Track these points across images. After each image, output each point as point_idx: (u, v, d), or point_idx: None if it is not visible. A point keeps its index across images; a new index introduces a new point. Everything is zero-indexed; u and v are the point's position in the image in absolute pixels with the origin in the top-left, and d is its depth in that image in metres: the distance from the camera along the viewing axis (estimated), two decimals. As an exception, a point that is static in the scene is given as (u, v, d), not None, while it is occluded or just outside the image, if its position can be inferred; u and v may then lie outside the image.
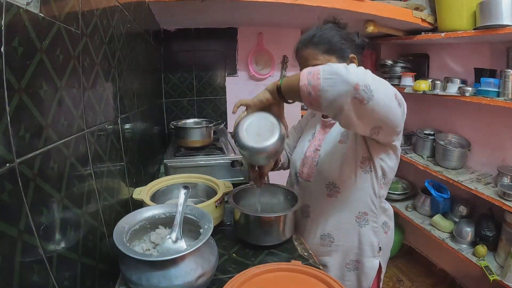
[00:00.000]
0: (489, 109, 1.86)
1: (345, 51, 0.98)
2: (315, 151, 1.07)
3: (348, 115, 0.68)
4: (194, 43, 2.18)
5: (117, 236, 0.69)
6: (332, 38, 0.97)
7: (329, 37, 0.97)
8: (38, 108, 0.44)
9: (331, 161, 1.00)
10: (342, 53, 0.97)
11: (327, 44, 0.96)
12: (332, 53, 0.96)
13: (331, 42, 0.96)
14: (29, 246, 0.41)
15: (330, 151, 1.01)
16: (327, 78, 0.66)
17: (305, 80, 0.69)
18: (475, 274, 1.85)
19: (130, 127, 1.01)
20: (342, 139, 1.00)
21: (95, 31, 0.69)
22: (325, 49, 0.96)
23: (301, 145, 1.16)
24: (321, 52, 0.96)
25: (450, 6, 1.83)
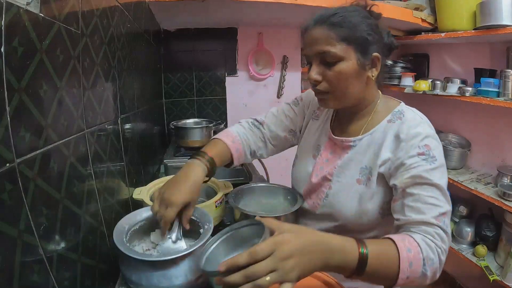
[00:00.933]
0: (489, 109, 1.86)
1: (370, 47, 0.76)
2: (324, 179, 0.87)
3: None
4: (194, 43, 2.18)
5: (117, 236, 0.69)
6: (358, 25, 0.74)
7: (354, 22, 0.74)
8: (38, 108, 0.44)
9: (344, 203, 0.81)
10: (365, 47, 0.75)
11: (350, 30, 0.74)
12: (353, 43, 0.74)
13: (356, 29, 0.74)
14: (29, 246, 0.41)
15: (345, 188, 0.82)
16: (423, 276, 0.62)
17: (405, 274, 0.60)
18: (475, 274, 1.85)
19: (130, 127, 1.01)
20: (361, 179, 0.80)
21: (95, 31, 0.69)
22: (345, 36, 0.73)
23: (304, 161, 0.95)
24: (339, 38, 0.73)
25: (450, 6, 1.83)
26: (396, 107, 0.82)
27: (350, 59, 0.74)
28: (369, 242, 0.60)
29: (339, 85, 0.76)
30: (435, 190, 0.68)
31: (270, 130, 1.00)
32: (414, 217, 0.67)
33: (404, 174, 0.71)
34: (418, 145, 0.71)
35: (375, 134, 0.80)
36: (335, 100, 0.79)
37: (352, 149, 0.83)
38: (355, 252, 0.57)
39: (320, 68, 0.76)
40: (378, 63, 0.77)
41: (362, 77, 0.77)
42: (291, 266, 0.51)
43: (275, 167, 1.98)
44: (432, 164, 0.70)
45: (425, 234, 0.65)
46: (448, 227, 0.67)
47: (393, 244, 0.62)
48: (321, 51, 0.74)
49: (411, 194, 0.69)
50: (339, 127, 0.89)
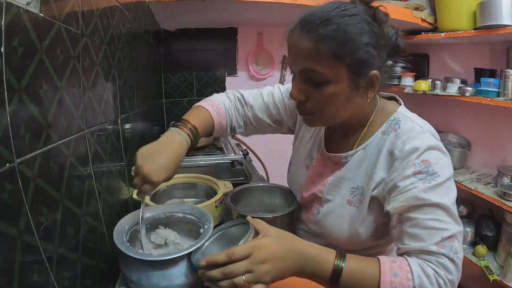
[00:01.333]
0: (489, 109, 1.86)
1: (367, 65, 0.61)
2: (314, 195, 0.79)
3: None
4: (194, 43, 2.18)
5: (117, 236, 0.69)
6: (355, 38, 0.59)
7: (352, 35, 0.58)
8: (38, 108, 0.44)
9: (334, 224, 0.74)
10: (361, 68, 0.61)
11: (345, 45, 0.58)
12: (346, 63, 0.60)
13: (352, 44, 0.59)
14: (29, 246, 0.41)
15: (336, 209, 0.74)
16: None
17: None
18: (475, 274, 1.85)
19: (130, 127, 1.01)
20: (352, 200, 0.71)
21: (95, 31, 0.69)
22: (336, 52, 0.58)
23: (298, 171, 0.88)
24: (330, 55, 0.59)
25: (450, 6, 1.83)
26: (393, 115, 0.70)
27: (341, 81, 0.61)
28: (351, 257, 0.59)
29: (326, 108, 0.65)
30: (437, 211, 0.58)
31: (253, 114, 0.91)
32: (412, 246, 0.59)
33: (397, 198, 0.62)
34: (414, 163, 0.61)
35: (369, 148, 0.70)
36: (322, 121, 0.71)
37: (345, 165, 0.74)
38: (330, 264, 0.57)
39: (304, 86, 0.64)
40: (376, 82, 0.64)
41: (355, 99, 0.65)
42: (265, 270, 0.54)
43: (275, 167, 1.98)
44: (432, 182, 0.59)
45: (425, 261, 0.58)
46: (458, 253, 0.57)
47: (378, 264, 0.58)
48: (307, 68, 0.62)
49: (409, 219, 0.60)
50: (333, 139, 0.80)
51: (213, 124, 0.84)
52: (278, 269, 0.55)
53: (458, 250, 0.58)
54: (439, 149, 0.63)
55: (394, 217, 0.63)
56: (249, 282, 0.53)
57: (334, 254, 0.58)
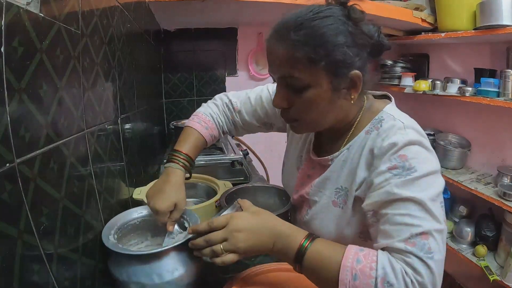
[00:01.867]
0: (489, 109, 1.86)
1: (346, 65, 0.60)
2: (302, 197, 0.80)
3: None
4: (194, 43, 2.18)
5: (104, 232, 0.69)
6: (330, 39, 0.58)
7: (326, 37, 0.58)
8: (38, 108, 0.44)
9: (321, 225, 0.74)
10: (340, 67, 0.60)
11: (320, 48, 0.58)
12: (322, 65, 0.59)
13: (327, 46, 0.58)
14: (29, 246, 0.41)
15: (322, 210, 0.74)
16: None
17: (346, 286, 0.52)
18: (475, 274, 1.85)
19: (130, 127, 1.01)
20: (337, 201, 0.71)
21: (95, 31, 0.69)
22: (311, 56, 0.58)
23: (289, 172, 0.89)
24: (305, 60, 0.59)
25: (450, 6, 1.83)
26: (378, 114, 0.69)
27: (321, 84, 0.61)
28: (320, 241, 0.59)
29: (309, 114, 0.65)
30: (411, 206, 0.54)
31: (242, 118, 0.93)
32: (381, 243, 0.56)
33: (371, 195, 0.60)
34: (389, 158, 0.59)
35: (352, 148, 0.70)
36: (307, 128, 0.72)
37: (330, 167, 0.73)
38: (297, 243, 0.58)
39: (285, 92, 0.65)
40: (359, 82, 0.63)
41: (337, 101, 0.65)
42: (240, 238, 0.60)
43: (275, 167, 1.98)
44: (407, 176, 0.56)
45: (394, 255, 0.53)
46: (432, 253, 0.51)
47: (344, 250, 0.56)
48: (285, 75, 0.62)
49: (382, 215, 0.58)
50: (320, 142, 0.80)
51: (204, 141, 0.88)
52: (251, 241, 0.60)
53: (434, 250, 0.51)
54: (420, 144, 0.60)
55: (369, 214, 0.61)
56: (226, 250, 0.60)
57: (304, 235, 0.60)
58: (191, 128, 0.88)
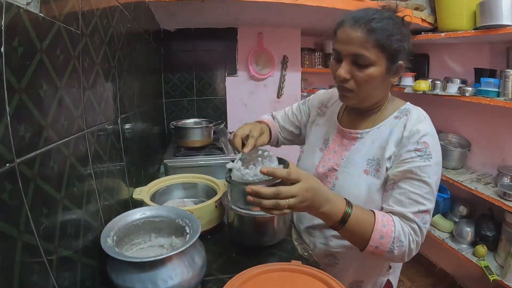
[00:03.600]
0: (489, 109, 1.86)
1: (399, 55, 0.78)
2: (330, 170, 0.90)
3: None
4: (194, 43, 2.18)
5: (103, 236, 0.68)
6: (393, 34, 0.76)
7: (391, 31, 0.75)
8: (38, 108, 0.44)
9: (351, 193, 0.83)
10: (395, 56, 0.78)
11: (386, 38, 0.75)
12: (385, 51, 0.76)
13: (391, 38, 0.75)
14: (29, 246, 0.41)
15: (352, 179, 0.85)
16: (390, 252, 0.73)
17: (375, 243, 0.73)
18: (475, 274, 1.85)
19: (130, 127, 1.01)
20: (369, 170, 0.84)
21: (95, 31, 0.69)
22: (379, 43, 0.75)
23: (310, 153, 1.00)
24: (375, 44, 0.75)
25: (450, 6, 1.83)
26: (403, 105, 0.87)
27: (381, 65, 0.77)
28: (355, 206, 0.73)
29: (365, 87, 0.79)
30: (423, 187, 0.75)
31: (279, 123, 1.15)
32: (395, 208, 0.76)
33: (398, 167, 0.78)
34: (417, 141, 0.77)
35: (382, 128, 0.85)
36: (357, 99, 0.83)
37: (359, 141, 0.88)
38: (342, 208, 0.71)
39: (350, 67, 0.78)
40: (401, 70, 0.82)
41: (385, 82, 0.82)
42: (306, 198, 0.66)
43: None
44: (426, 161, 0.75)
45: (403, 220, 0.75)
46: (426, 224, 0.76)
47: (373, 215, 0.74)
48: (356, 53, 0.76)
49: (399, 187, 0.77)
50: (348, 120, 0.94)
51: (270, 130, 1.08)
52: (312, 200, 0.67)
53: (427, 222, 0.76)
54: (435, 138, 0.79)
55: (390, 182, 0.80)
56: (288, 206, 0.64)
57: (344, 202, 0.73)
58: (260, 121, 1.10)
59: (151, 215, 0.80)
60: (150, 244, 0.82)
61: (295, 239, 0.99)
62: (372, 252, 0.74)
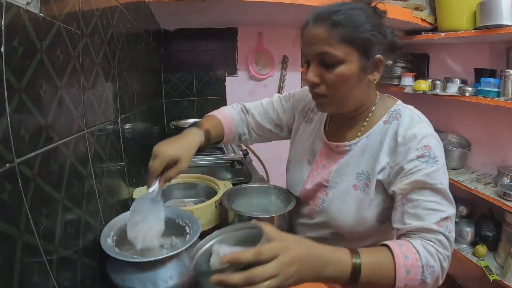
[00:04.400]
0: (489, 109, 1.86)
1: (373, 48, 0.70)
2: (319, 185, 0.83)
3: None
4: (194, 43, 2.17)
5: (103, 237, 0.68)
6: (361, 24, 0.68)
7: (358, 22, 0.68)
8: (38, 108, 0.44)
9: (341, 210, 0.77)
10: (368, 49, 0.70)
11: (353, 30, 0.67)
12: (356, 45, 0.68)
13: (359, 29, 0.68)
14: (29, 246, 0.41)
15: (342, 195, 0.78)
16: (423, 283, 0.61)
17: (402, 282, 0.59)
18: (475, 274, 1.85)
19: (130, 127, 1.01)
20: (358, 185, 0.76)
21: (95, 31, 0.69)
22: (348, 36, 0.67)
23: (298, 166, 0.91)
24: (341, 39, 0.67)
25: (450, 6, 1.82)
26: (392, 107, 0.78)
27: (352, 61, 0.69)
28: (363, 251, 0.60)
29: (338, 89, 0.72)
30: (437, 195, 0.66)
31: (254, 120, 1.00)
32: (414, 224, 0.65)
33: (403, 180, 0.68)
34: (417, 148, 0.68)
35: (371, 136, 0.77)
36: (334, 105, 0.75)
37: (348, 153, 0.79)
38: (348, 263, 0.58)
39: (319, 69, 0.72)
40: (381, 65, 0.73)
41: (363, 81, 0.73)
42: (291, 273, 0.51)
43: (275, 167, 1.98)
44: (433, 165, 0.67)
45: (425, 240, 0.64)
46: (451, 232, 0.65)
47: (389, 251, 0.61)
48: (321, 52, 0.69)
49: (411, 200, 0.67)
50: (334, 131, 0.85)
51: (223, 128, 0.95)
52: (301, 272, 0.53)
53: (452, 229, 0.65)
54: (435, 137, 0.71)
55: (398, 198, 0.69)
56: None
57: (349, 253, 0.59)
58: (212, 115, 0.96)
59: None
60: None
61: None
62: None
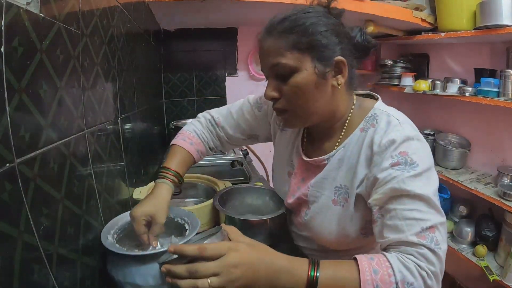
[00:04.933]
0: (489, 109, 1.86)
1: (328, 50, 0.65)
2: (300, 199, 0.79)
3: None
4: (194, 43, 2.17)
5: (103, 234, 0.69)
6: (310, 27, 0.63)
7: (307, 25, 0.63)
8: (38, 108, 0.44)
9: (322, 225, 0.74)
10: (323, 52, 0.64)
11: (301, 34, 0.63)
12: (307, 50, 0.63)
13: (308, 32, 0.63)
14: (29, 246, 0.41)
15: (322, 210, 0.74)
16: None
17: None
18: (475, 274, 1.85)
19: (130, 127, 1.01)
20: (337, 199, 0.71)
21: (95, 31, 0.69)
22: (295, 43, 0.63)
23: (280, 179, 0.89)
24: (289, 46, 0.63)
25: (450, 6, 1.82)
26: (370, 111, 0.71)
27: (306, 68, 0.64)
28: (325, 263, 0.56)
29: (297, 101, 0.67)
30: (417, 202, 0.58)
31: (226, 133, 0.95)
32: (391, 238, 0.58)
33: (377, 190, 0.62)
34: (391, 155, 0.61)
35: (348, 146, 0.71)
36: (298, 118, 0.71)
37: (326, 166, 0.74)
38: (304, 275, 0.54)
39: (276, 83, 0.68)
40: (344, 68, 0.66)
41: (325, 87, 0.67)
42: (235, 276, 0.51)
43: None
44: (410, 171, 0.59)
45: (404, 255, 0.55)
46: (440, 244, 0.56)
47: (356, 265, 0.55)
48: (273, 63, 0.66)
49: (388, 210, 0.60)
50: (311, 143, 0.81)
51: (191, 156, 0.90)
52: (248, 278, 0.52)
53: (440, 241, 0.56)
54: (418, 139, 0.63)
55: (375, 210, 0.63)
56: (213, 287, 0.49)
57: (307, 264, 0.55)
58: (176, 146, 0.90)
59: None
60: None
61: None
62: None
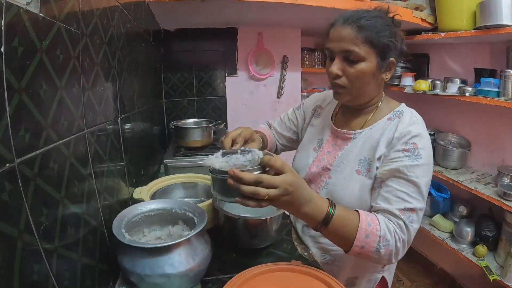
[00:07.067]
0: (489, 109, 1.86)
1: (389, 52, 0.82)
2: (324, 169, 0.92)
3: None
4: (194, 43, 2.18)
5: (116, 226, 0.72)
6: (382, 31, 0.79)
7: (380, 28, 0.79)
8: (38, 108, 0.44)
9: (344, 192, 0.86)
10: (385, 52, 0.81)
11: (375, 34, 0.79)
12: (375, 47, 0.79)
13: (380, 34, 0.79)
14: (29, 246, 0.41)
15: (345, 178, 0.87)
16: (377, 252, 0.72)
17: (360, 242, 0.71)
18: (475, 274, 1.85)
19: (130, 127, 1.01)
20: (360, 170, 0.85)
21: (95, 31, 0.69)
22: (369, 39, 0.79)
23: (304, 153, 1.02)
24: (364, 40, 0.78)
25: (450, 6, 1.82)
26: (397, 108, 0.88)
27: (371, 60, 0.80)
28: (339, 206, 0.71)
29: (357, 82, 0.82)
30: (410, 187, 0.76)
31: (276, 131, 1.18)
32: (381, 205, 0.77)
33: (385, 166, 0.79)
34: (405, 142, 0.78)
35: (374, 129, 0.87)
36: (350, 96, 0.85)
37: (352, 141, 0.90)
38: (324, 210, 0.69)
39: (342, 64, 0.82)
40: (392, 67, 0.85)
41: (378, 79, 0.84)
42: (288, 192, 0.62)
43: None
44: (414, 161, 0.76)
45: (388, 220, 0.74)
46: (413, 223, 0.75)
47: (358, 215, 0.73)
48: (347, 49, 0.79)
49: (387, 185, 0.78)
50: (342, 120, 0.96)
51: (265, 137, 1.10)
52: (293, 197, 0.64)
53: (414, 221, 0.75)
54: (427, 139, 0.81)
55: (378, 180, 0.81)
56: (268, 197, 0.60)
57: (327, 203, 0.70)
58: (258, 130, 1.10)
59: (156, 207, 0.84)
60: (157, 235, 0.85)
61: (295, 239, 0.99)
62: (358, 253, 0.72)
